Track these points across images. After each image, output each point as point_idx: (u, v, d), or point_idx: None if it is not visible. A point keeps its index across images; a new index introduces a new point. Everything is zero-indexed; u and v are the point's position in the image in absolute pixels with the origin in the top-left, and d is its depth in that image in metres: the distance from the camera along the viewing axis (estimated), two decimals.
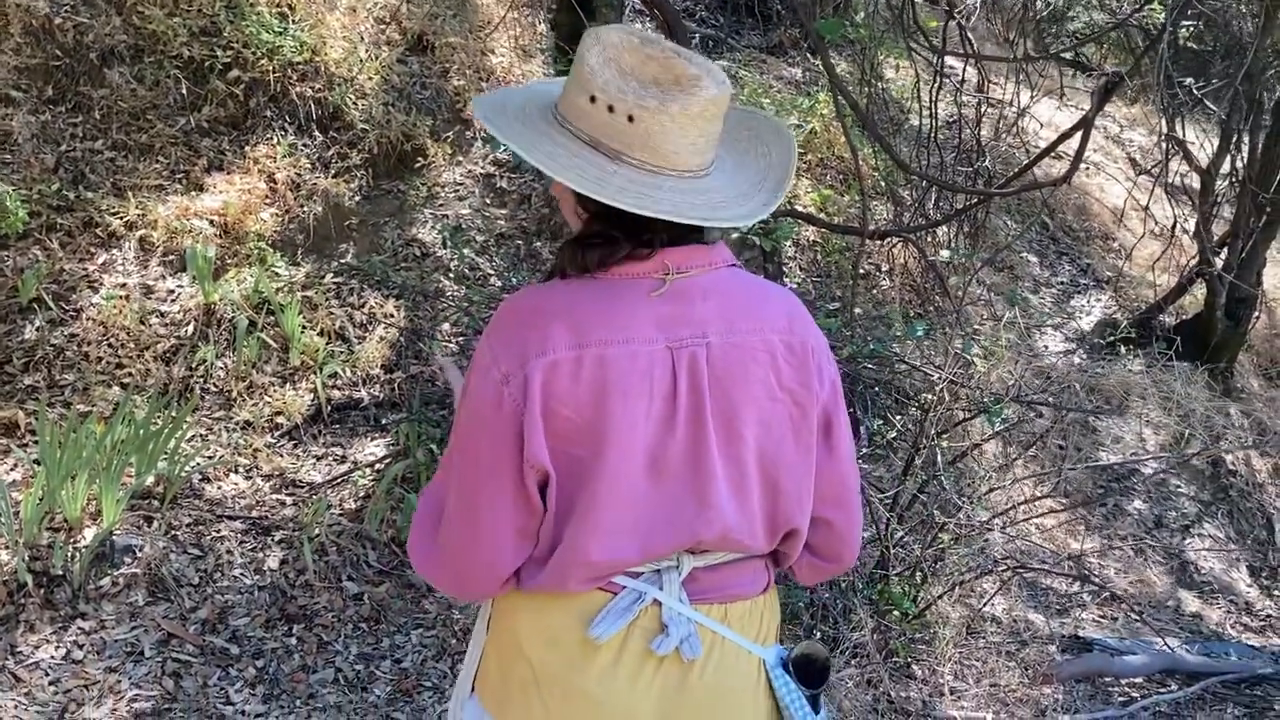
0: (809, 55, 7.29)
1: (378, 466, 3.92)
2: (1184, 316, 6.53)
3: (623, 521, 1.39)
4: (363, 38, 5.34)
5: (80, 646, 2.98)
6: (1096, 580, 4.51)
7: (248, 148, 4.77)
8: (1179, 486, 5.52)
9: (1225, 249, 6.27)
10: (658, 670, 1.43)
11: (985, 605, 4.05)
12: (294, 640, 3.23)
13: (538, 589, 1.44)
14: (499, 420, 1.37)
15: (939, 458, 3.87)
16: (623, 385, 1.36)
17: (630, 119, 1.34)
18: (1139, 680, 4.01)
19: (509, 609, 1.50)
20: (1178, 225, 6.27)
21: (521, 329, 1.38)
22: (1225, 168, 6.27)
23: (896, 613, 3.74)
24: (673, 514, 1.41)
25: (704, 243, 1.45)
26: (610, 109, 1.34)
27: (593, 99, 1.35)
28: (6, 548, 3.11)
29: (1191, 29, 6.09)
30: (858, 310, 4.31)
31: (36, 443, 3.40)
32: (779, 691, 1.50)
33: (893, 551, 3.75)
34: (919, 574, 3.82)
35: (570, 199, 1.45)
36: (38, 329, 3.89)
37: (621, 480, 1.38)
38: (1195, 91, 6.07)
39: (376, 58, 5.30)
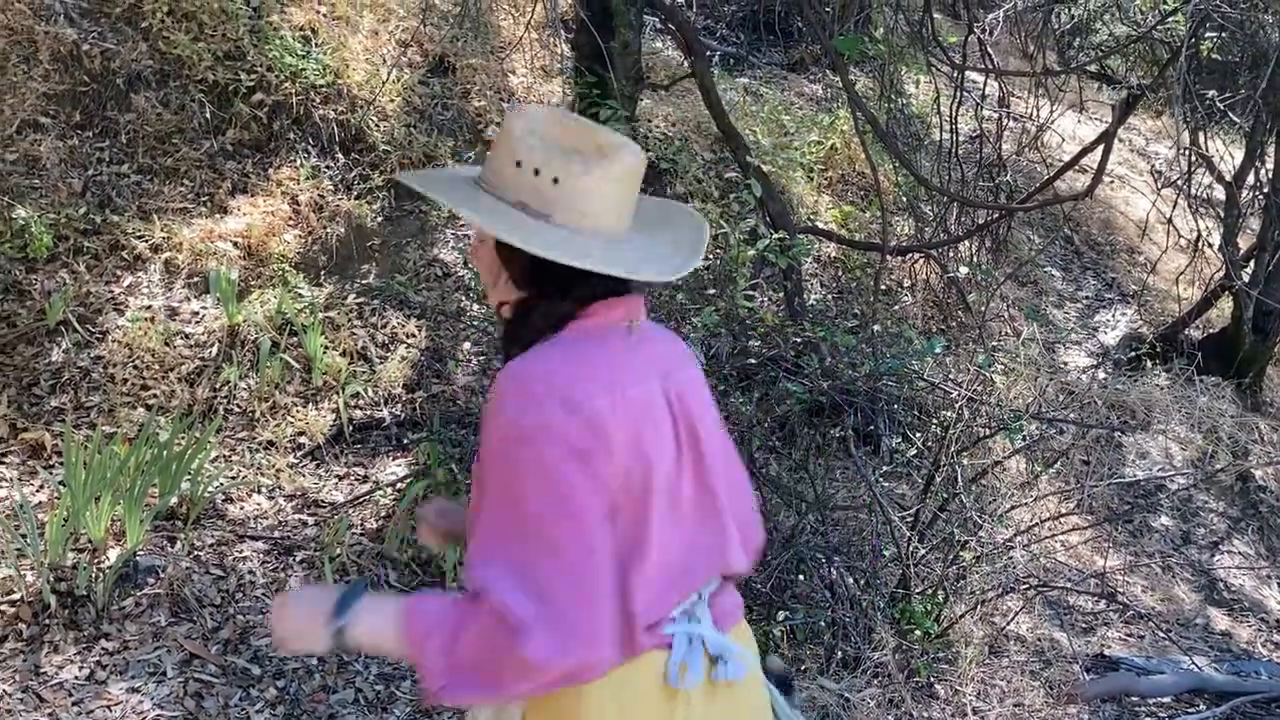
0: (829, 72, 7.29)
1: (399, 486, 3.94)
2: (1210, 330, 6.47)
3: (663, 567, 1.40)
4: (385, 60, 5.40)
5: (104, 667, 3.01)
6: (1122, 598, 4.46)
7: (271, 170, 4.82)
8: (1207, 502, 5.46)
9: (1252, 262, 6.22)
10: (716, 697, 1.45)
11: (1009, 624, 4.01)
12: (314, 660, 3.25)
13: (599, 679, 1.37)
14: (586, 475, 1.33)
15: (960, 475, 3.85)
16: (651, 423, 1.40)
17: (555, 181, 1.40)
18: (1166, 700, 3.96)
19: (561, 708, 1.41)
20: (1203, 238, 6.22)
21: (558, 390, 1.35)
22: (1251, 180, 6.21)
23: (918, 632, 3.71)
24: (691, 554, 1.44)
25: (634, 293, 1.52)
26: (536, 171, 1.41)
27: (519, 163, 1.42)
28: (32, 569, 3.15)
29: (1215, 40, 6.05)
30: (877, 327, 4.30)
31: (62, 464, 3.45)
32: (779, 707, 1.57)
33: (914, 570, 3.73)
34: (941, 592, 3.79)
35: (492, 260, 1.48)
36: (64, 351, 3.94)
37: (661, 525, 1.39)
38: (1219, 104, 6.03)
39: (398, 80, 5.35)
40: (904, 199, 6.13)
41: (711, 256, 4.82)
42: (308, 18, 5.27)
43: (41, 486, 3.55)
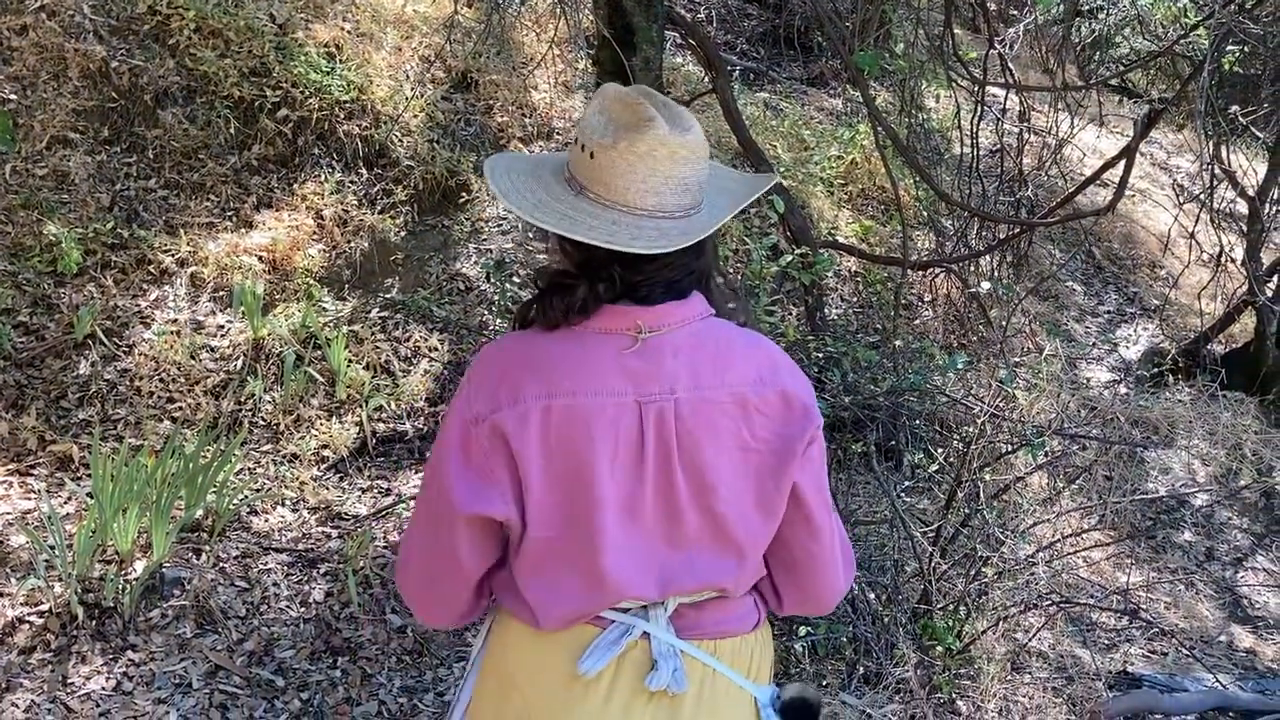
0: (849, 86, 7.31)
1: None
2: (1233, 345, 6.44)
3: (597, 568, 1.42)
4: (408, 76, 5.44)
5: (130, 678, 3.03)
6: (1145, 615, 4.44)
7: (296, 185, 4.87)
8: (1230, 519, 5.43)
9: (1275, 277, 6.19)
10: (648, 704, 1.46)
11: (1031, 640, 4.00)
12: (338, 673, 3.27)
13: (522, 622, 1.49)
14: (463, 461, 1.42)
15: (981, 491, 3.84)
16: (589, 434, 1.41)
17: (592, 155, 1.41)
18: (1190, 718, 3.93)
19: (503, 643, 1.53)
20: (1225, 253, 6.19)
21: (496, 376, 1.43)
22: (1274, 194, 6.18)
23: (940, 648, 3.70)
24: (647, 561, 1.45)
25: (679, 300, 1.49)
26: (583, 148, 1.43)
27: (577, 140, 1.45)
28: (60, 580, 3.18)
29: (1237, 54, 6.03)
30: (899, 342, 4.30)
31: (90, 476, 3.48)
32: None
33: (936, 586, 3.72)
34: (963, 609, 3.78)
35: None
36: (92, 364, 3.99)
37: (594, 528, 1.41)
38: (1241, 118, 6.01)
39: (422, 95, 5.40)
40: (925, 213, 6.13)
41: (733, 272, 4.83)
42: (332, 34, 5.32)
43: (69, 498, 3.58)
